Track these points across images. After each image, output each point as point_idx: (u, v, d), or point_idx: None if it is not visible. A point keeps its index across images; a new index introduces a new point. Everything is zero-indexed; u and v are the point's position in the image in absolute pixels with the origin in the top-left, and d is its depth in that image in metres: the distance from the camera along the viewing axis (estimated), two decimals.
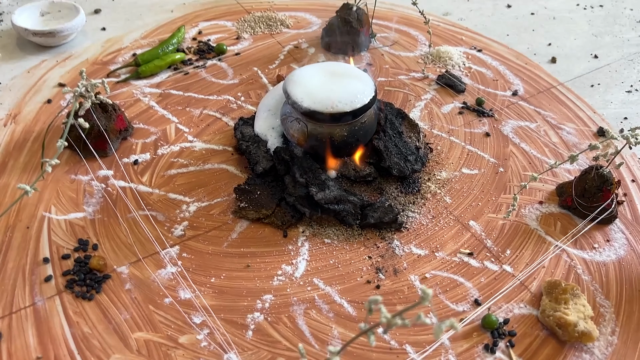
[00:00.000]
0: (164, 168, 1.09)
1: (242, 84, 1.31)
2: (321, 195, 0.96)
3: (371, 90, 1.00)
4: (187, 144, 1.14)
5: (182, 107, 1.23)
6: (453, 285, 0.93)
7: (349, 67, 1.06)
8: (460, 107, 1.30)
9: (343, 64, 1.07)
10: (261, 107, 1.12)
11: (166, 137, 1.15)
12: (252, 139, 1.09)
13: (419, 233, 1.01)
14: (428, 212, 1.05)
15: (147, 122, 1.18)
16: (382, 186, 1.05)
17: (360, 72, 1.05)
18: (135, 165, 1.09)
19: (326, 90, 0.98)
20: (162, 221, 0.99)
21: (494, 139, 1.22)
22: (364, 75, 1.04)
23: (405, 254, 0.97)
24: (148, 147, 1.13)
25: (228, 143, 1.15)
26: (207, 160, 1.11)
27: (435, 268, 0.96)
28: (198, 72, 1.33)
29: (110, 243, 0.95)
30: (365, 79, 1.03)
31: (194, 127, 1.18)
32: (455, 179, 1.12)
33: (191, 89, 1.28)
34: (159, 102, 1.24)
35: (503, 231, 1.03)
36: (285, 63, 1.39)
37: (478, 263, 0.97)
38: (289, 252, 0.96)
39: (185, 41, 1.42)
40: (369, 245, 0.98)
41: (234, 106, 1.24)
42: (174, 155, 1.12)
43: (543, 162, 1.17)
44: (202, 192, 1.05)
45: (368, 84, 1.02)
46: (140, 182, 1.06)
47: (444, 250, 0.99)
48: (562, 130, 1.26)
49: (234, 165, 1.11)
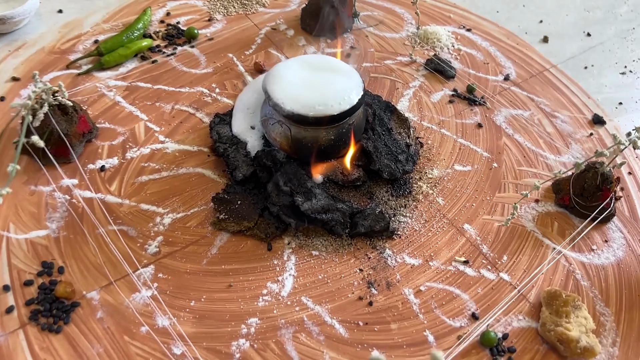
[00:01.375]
0: (134, 174, 1.00)
1: (216, 73, 1.20)
2: (308, 205, 0.89)
3: (359, 88, 0.92)
4: (158, 146, 1.05)
5: (152, 102, 1.12)
6: (449, 298, 0.88)
7: (334, 61, 0.97)
8: (451, 94, 1.22)
9: (327, 58, 0.98)
10: (239, 105, 1.03)
11: (135, 137, 1.06)
12: (230, 141, 1.00)
13: (412, 240, 0.95)
14: (420, 215, 0.99)
15: (113, 121, 1.08)
16: (371, 190, 0.98)
17: (346, 66, 0.96)
18: (102, 172, 0.99)
19: (310, 90, 0.89)
20: (134, 237, 0.91)
21: (487, 131, 1.16)
22: (351, 70, 0.95)
23: (398, 265, 0.92)
24: (115, 150, 1.03)
25: (203, 143, 1.06)
26: (181, 164, 1.02)
27: (430, 279, 0.90)
28: (168, 61, 1.22)
29: (78, 264, 0.87)
30: (352, 75, 0.94)
31: (166, 125, 1.09)
32: (448, 177, 1.06)
33: (161, 81, 1.17)
34: (125, 96, 1.13)
35: (499, 235, 0.98)
36: (263, 48, 1.28)
37: (474, 272, 0.92)
38: (274, 268, 0.89)
39: (152, 25, 1.29)
40: (359, 256, 0.92)
41: (208, 99, 1.15)
42: (145, 158, 1.02)
43: (538, 155, 1.12)
44: (177, 201, 0.96)
45: (355, 80, 0.93)
46: (108, 192, 0.96)
47: (439, 258, 0.93)
48: (557, 119, 1.20)
49: (211, 168, 1.02)
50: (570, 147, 1.14)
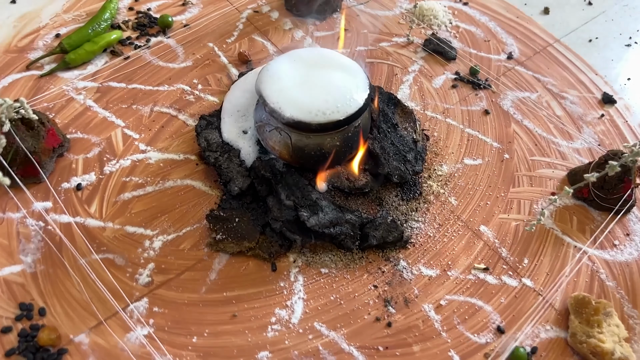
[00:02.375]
0: (116, 192, 0.89)
1: (196, 66, 1.09)
2: (314, 220, 0.80)
3: (364, 85, 0.82)
4: (139, 156, 0.94)
5: (128, 105, 1.00)
6: (472, 312, 0.82)
7: (332, 55, 0.86)
8: (453, 78, 1.13)
9: (324, 51, 0.87)
10: (227, 107, 0.92)
11: (112, 148, 0.94)
12: (221, 148, 0.90)
13: (427, 248, 0.88)
14: (433, 219, 0.91)
15: (86, 130, 0.96)
16: (380, 195, 0.90)
17: (347, 60, 0.86)
18: (78, 192, 0.88)
19: (311, 92, 0.79)
20: (122, 266, 0.81)
21: (494, 117, 1.07)
22: (352, 64, 0.85)
23: (414, 278, 0.84)
24: (92, 165, 0.92)
25: (190, 150, 0.95)
26: (167, 176, 0.92)
27: (449, 292, 0.84)
28: (141, 55, 1.09)
29: (61, 303, 0.77)
30: (355, 70, 0.84)
31: (145, 130, 0.97)
32: (459, 173, 0.98)
33: (136, 79, 1.05)
34: (97, 100, 1.00)
35: (517, 235, 0.91)
36: (246, 34, 1.16)
37: (495, 279, 0.86)
38: (281, 291, 0.81)
39: (120, 13, 1.15)
40: (372, 271, 0.85)
41: (190, 98, 1.03)
42: (126, 172, 0.91)
43: (549, 142, 1.05)
44: (167, 221, 0.86)
45: (359, 76, 0.83)
46: (88, 215, 0.86)
47: (457, 267, 0.86)
48: (565, 100, 1.12)
49: (201, 179, 0.92)
50: (582, 131, 1.07)
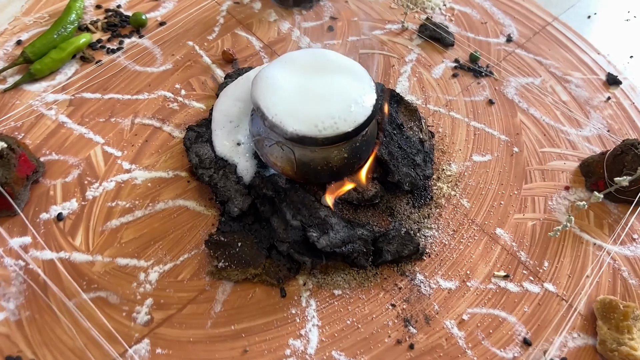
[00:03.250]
0: (102, 219, 0.81)
1: (177, 69, 0.99)
2: (325, 241, 0.74)
3: (371, 87, 0.75)
4: (124, 176, 0.85)
5: (105, 118, 0.91)
6: (496, 324, 0.77)
7: (331, 56, 0.78)
8: (453, 67, 1.07)
9: (322, 52, 0.79)
10: (218, 118, 0.84)
11: (93, 169, 0.85)
12: (215, 164, 0.82)
13: (443, 258, 0.83)
14: (447, 225, 0.86)
15: (61, 150, 0.87)
16: (390, 204, 0.84)
17: (348, 60, 0.78)
18: (60, 222, 0.80)
19: (313, 101, 0.72)
20: (117, 304, 0.74)
21: (499, 107, 1.02)
22: (354, 64, 0.78)
23: (433, 292, 0.79)
24: (72, 190, 0.83)
25: (179, 165, 0.87)
26: (157, 198, 0.83)
27: (471, 304, 0.79)
28: (115, 59, 0.99)
29: (53, 353, 0.69)
30: (358, 71, 0.77)
31: (128, 147, 0.88)
32: (468, 172, 0.92)
33: (112, 87, 0.95)
34: (71, 114, 0.91)
35: (534, 236, 0.86)
36: (228, 29, 1.07)
37: (517, 286, 0.81)
38: (293, 319, 0.75)
39: (87, 13, 1.05)
40: (388, 288, 0.79)
41: (174, 106, 0.94)
42: (110, 196, 0.83)
43: (558, 131, 1.00)
44: (162, 249, 0.79)
45: (363, 79, 0.76)
46: (73, 248, 0.77)
47: (476, 276, 0.81)
48: (570, 84, 1.07)
49: (195, 198, 0.84)
50: (590, 117, 1.02)
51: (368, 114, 0.72)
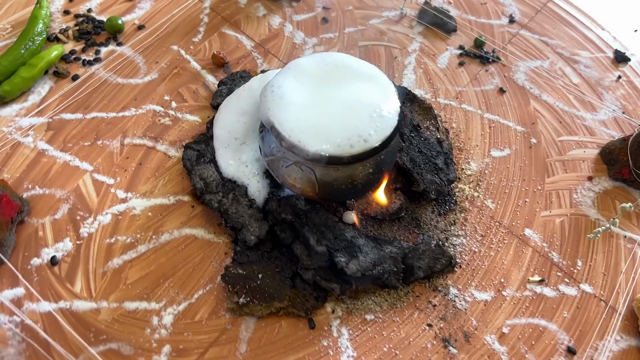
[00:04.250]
0: (102, 259, 0.72)
1: (164, 78, 0.90)
2: (355, 266, 0.68)
3: (392, 94, 0.68)
4: (120, 207, 0.76)
5: (91, 142, 0.82)
6: (537, 334, 0.73)
7: (342, 60, 0.71)
8: (459, 54, 1.00)
9: (329, 56, 0.71)
10: (220, 135, 0.75)
11: (84, 201, 0.76)
12: (222, 187, 0.74)
13: (475, 267, 0.78)
14: (474, 230, 0.81)
15: (45, 183, 0.77)
16: (415, 215, 0.78)
17: (361, 63, 0.71)
18: (54, 267, 0.71)
19: (334, 116, 0.64)
20: (131, 355, 0.66)
21: (511, 96, 0.96)
22: (369, 67, 0.70)
23: (469, 306, 0.74)
24: (63, 228, 0.74)
25: (180, 189, 0.79)
26: (160, 229, 0.75)
27: (509, 315, 0.74)
28: (93, 72, 0.89)
29: None
30: (374, 75, 0.70)
31: (121, 172, 0.79)
32: (489, 170, 0.87)
33: (93, 105, 0.85)
34: (51, 140, 0.81)
35: (564, 234, 0.82)
36: (214, 29, 0.97)
37: (553, 291, 0.77)
38: (326, 352, 0.69)
39: (55, 20, 0.93)
40: (422, 307, 0.74)
41: (165, 121, 0.85)
42: (108, 231, 0.74)
43: (573, 116, 0.95)
44: (173, 287, 0.71)
45: (383, 84, 0.69)
46: (73, 296, 0.69)
47: (511, 284, 0.77)
48: (579, 64, 1.02)
49: (202, 224, 0.76)
50: (603, 98, 0.98)
51: (394, 124, 0.65)
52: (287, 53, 0.96)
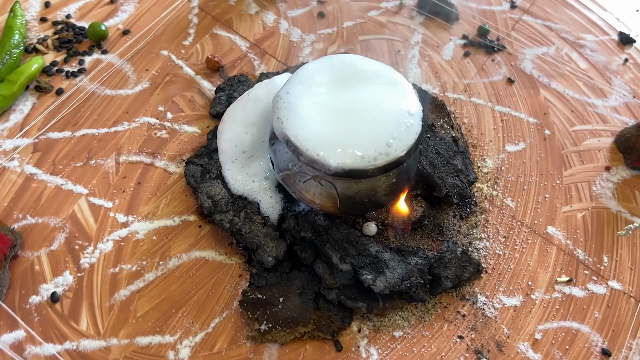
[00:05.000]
0: (107, 292, 0.67)
1: (156, 87, 0.83)
2: (382, 283, 0.63)
3: (412, 96, 0.63)
4: (122, 232, 0.71)
5: (83, 162, 0.75)
6: (570, 338, 0.70)
7: (356, 62, 0.65)
8: (463, 44, 0.96)
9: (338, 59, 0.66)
10: (226, 149, 0.70)
11: (81, 228, 0.70)
12: (232, 204, 0.69)
13: (501, 271, 0.74)
14: (496, 231, 0.77)
15: (37, 211, 0.71)
16: (437, 221, 0.74)
17: (377, 64, 0.66)
18: (56, 304, 0.65)
19: (354, 126, 0.59)
20: None
21: (521, 86, 0.93)
22: (383, 68, 0.66)
23: (498, 313, 0.71)
24: (61, 260, 0.68)
25: (184, 208, 0.73)
26: (167, 253, 0.70)
27: (540, 320, 0.71)
28: (79, 85, 0.82)
29: None
30: (390, 76, 0.65)
31: (118, 193, 0.74)
32: (505, 166, 0.83)
33: (82, 121, 0.79)
34: (39, 163, 0.74)
35: (587, 229, 0.79)
36: (205, 30, 0.91)
37: (582, 290, 0.74)
38: None
39: (32, 29, 0.86)
40: (451, 318, 0.70)
41: (162, 134, 0.79)
42: (111, 260, 0.69)
43: (585, 104, 0.92)
44: (187, 317, 0.66)
45: (401, 86, 0.64)
46: (80, 335, 0.64)
47: (539, 286, 0.74)
48: (585, 48, 0.99)
49: (211, 246, 0.71)
50: (613, 83, 0.95)
51: (418, 130, 0.60)
52: (285, 52, 0.90)
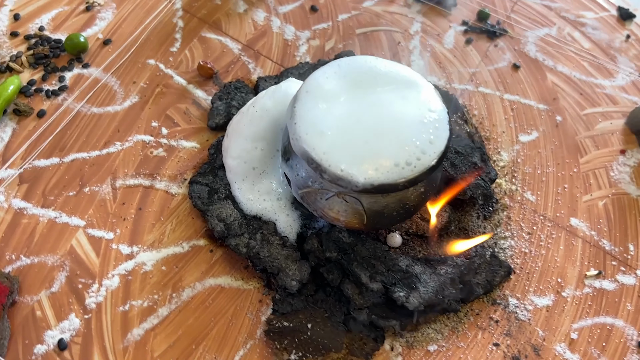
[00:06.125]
0: (119, 333, 0.61)
1: (146, 100, 0.77)
2: (416, 299, 0.60)
3: (435, 98, 0.59)
4: (128, 265, 0.65)
5: (76, 191, 0.69)
6: (605, 335, 0.68)
7: (370, 64, 0.61)
8: (463, 30, 0.92)
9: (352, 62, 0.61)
10: (234, 167, 0.64)
11: (83, 265, 0.64)
12: (247, 226, 0.64)
13: (530, 270, 0.71)
14: (520, 228, 0.74)
15: (31, 250, 0.65)
16: (461, 224, 0.70)
17: (392, 65, 0.61)
18: (64, 352, 0.59)
19: (379, 136, 0.55)
20: None
21: (527, 71, 0.89)
22: (402, 69, 0.61)
23: (531, 315, 0.68)
24: (65, 302, 0.62)
25: (192, 232, 0.68)
26: (179, 284, 0.65)
27: (574, 318, 0.69)
28: (62, 105, 0.75)
29: None
30: (411, 78, 0.60)
31: (119, 223, 0.68)
32: (521, 157, 0.80)
33: (70, 145, 0.72)
34: (27, 195, 0.68)
35: (609, 217, 0.77)
36: (193, 34, 0.84)
37: (612, 283, 0.72)
38: None
39: (2, 45, 0.78)
40: (484, 325, 0.67)
41: (159, 152, 0.73)
42: (119, 297, 0.63)
43: (592, 85, 0.89)
44: (209, 351, 0.61)
45: (421, 87, 0.59)
46: None
47: (569, 283, 0.71)
48: (586, 27, 0.96)
49: (226, 271, 0.66)
50: (617, 62, 0.93)
51: (447, 135, 0.56)
52: (280, 52, 0.85)
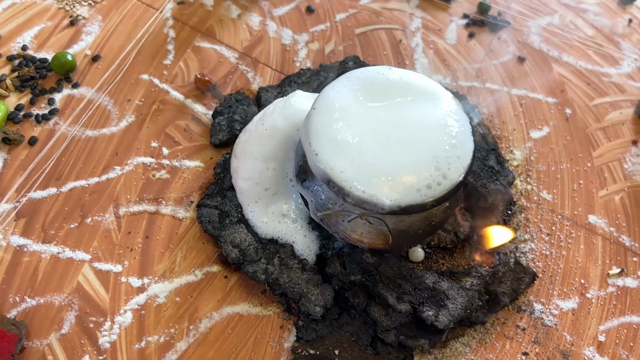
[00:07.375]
0: None
1: (143, 119, 0.73)
2: (445, 317, 0.58)
3: (456, 108, 0.56)
4: (140, 299, 0.62)
5: (78, 222, 0.65)
6: (632, 334, 0.67)
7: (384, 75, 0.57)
8: (465, 24, 0.89)
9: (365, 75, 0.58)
10: (245, 189, 0.61)
11: (92, 302, 0.61)
12: (264, 251, 0.61)
13: (551, 273, 0.70)
14: (538, 230, 0.72)
15: (36, 291, 0.61)
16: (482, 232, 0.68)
17: (405, 73, 0.58)
18: None
19: (403, 155, 0.52)
20: None
21: (532, 64, 0.87)
22: (417, 78, 0.58)
23: (558, 320, 0.67)
24: (77, 345, 0.59)
25: (204, 258, 0.65)
26: (195, 316, 0.62)
27: (600, 320, 0.68)
28: (54, 129, 0.71)
29: None
30: (429, 87, 0.57)
31: (126, 253, 0.64)
32: (534, 155, 0.78)
33: (66, 173, 0.68)
34: (26, 231, 0.64)
35: (626, 211, 0.76)
36: (186, 44, 0.80)
37: (635, 280, 0.71)
38: None
39: None
40: (511, 334, 0.65)
41: (162, 174, 0.69)
42: (134, 334, 0.60)
43: (599, 75, 0.88)
44: None
45: (441, 97, 0.57)
46: None
47: (592, 283, 0.70)
48: (588, 13, 0.94)
49: (243, 297, 0.63)
50: (622, 48, 0.91)
51: (472, 148, 0.54)
52: (279, 59, 0.81)
